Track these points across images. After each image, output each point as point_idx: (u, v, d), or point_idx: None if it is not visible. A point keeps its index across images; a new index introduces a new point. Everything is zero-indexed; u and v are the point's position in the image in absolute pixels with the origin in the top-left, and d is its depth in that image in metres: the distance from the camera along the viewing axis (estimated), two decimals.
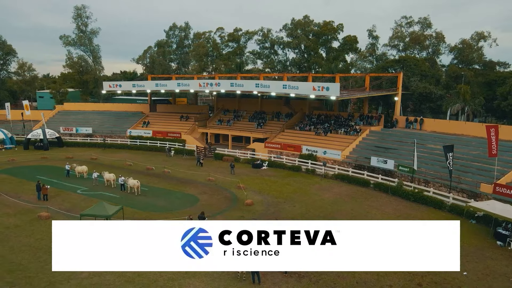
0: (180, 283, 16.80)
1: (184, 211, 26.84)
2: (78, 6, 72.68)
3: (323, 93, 37.80)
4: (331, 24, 68.11)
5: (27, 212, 25.88)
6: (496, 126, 29.41)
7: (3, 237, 21.64)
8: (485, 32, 58.98)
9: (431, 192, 30.03)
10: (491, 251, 21.10)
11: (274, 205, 29.02)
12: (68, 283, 16.59)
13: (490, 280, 17.89)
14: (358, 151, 41.28)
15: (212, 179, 36.05)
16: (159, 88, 53.43)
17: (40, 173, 37.37)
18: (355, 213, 27.26)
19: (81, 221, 12.13)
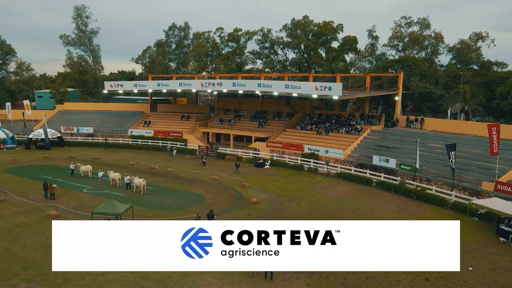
0: (194, 279, 17.11)
1: (191, 209, 27.10)
2: (78, 6, 72.72)
3: (325, 93, 38.21)
4: (330, 24, 68.59)
5: (35, 211, 26.09)
6: (497, 125, 29.93)
7: (14, 235, 21.86)
8: (483, 33, 59.76)
9: (433, 190, 30.49)
10: (494, 247, 21.56)
11: (279, 203, 29.37)
12: (83, 280, 16.86)
13: (495, 275, 18.35)
14: (359, 150, 41.74)
15: (216, 178, 36.35)
16: (161, 88, 53.66)
17: (44, 172, 37.50)
18: (360, 211, 27.67)
19: (81, 221, 12.21)
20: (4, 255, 19.25)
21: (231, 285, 16.81)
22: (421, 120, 44.14)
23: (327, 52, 71.52)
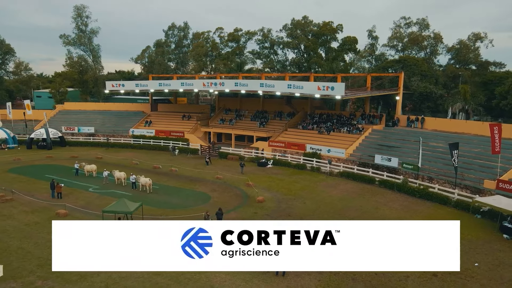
0: (207, 275, 17.39)
1: (198, 208, 27.38)
2: (78, 6, 72.67)
3: (328, 93, 38.63)
4: (330, 24, 68.97)
5: (44, 210, 26.27)
6: (499, 124, 30.43)
7: (26, 233, 22.04)
8: (481, 33, 60.46)
9: (436, 189, 30.97)
10: (498, 243, 22.02)
11: (285, 201, 29.72)
12: (98, 276, 17.11)
13: (501, 270, 18.80)
14: (361, 149, 42.17)
15: (220, 177, 36.63)
16: (163, 88, 53.86)
17: (48, 172, 37.61)
18: (365, 209, 28.07)
19: (81, 221, 12.17)
20: (18, 253, 19.47)
21: (244, 281, 17.12)
22: (421, 120, 44.63)
23: (326, 52, 71.94)
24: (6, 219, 24.48)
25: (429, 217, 26.36)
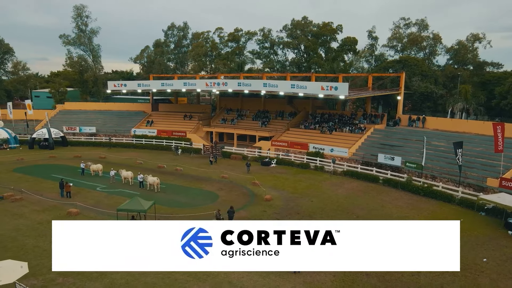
0: (225, 271, 17.69)
1: (207, 206, 27.69)
2: (78, 6, 72.53)
3: (331, 93, 39.01)
4: (330, 25, 69.48)
5: (54, 209, 26.46)
6: (502, 124, 31.06)
7: (40, 232, 22.23)
8: (480, 34, 61.27)
9: (440, 187, 31.51)
10: (504, 240, 22.57)
11: (292, 200, 30.10)
12: (118, 273, 17.36)
13: (509, 265, 19.33)
14: (364, 148, 42.68)
15: (226, 176, 36.93)
16: (165, 88, 54.02)
17: (53, 171, 37.72)
18: (371, 208, 28.52)
19: (81, 221, 12.43)
20: (34, 251, 19.68)
21: (261, 277, 17.48)
22: (423, 119, 45.24)
23: (326, 53, 72.44)
24: (18, 218, 24.65)
25: (434, 215, 26.93)
